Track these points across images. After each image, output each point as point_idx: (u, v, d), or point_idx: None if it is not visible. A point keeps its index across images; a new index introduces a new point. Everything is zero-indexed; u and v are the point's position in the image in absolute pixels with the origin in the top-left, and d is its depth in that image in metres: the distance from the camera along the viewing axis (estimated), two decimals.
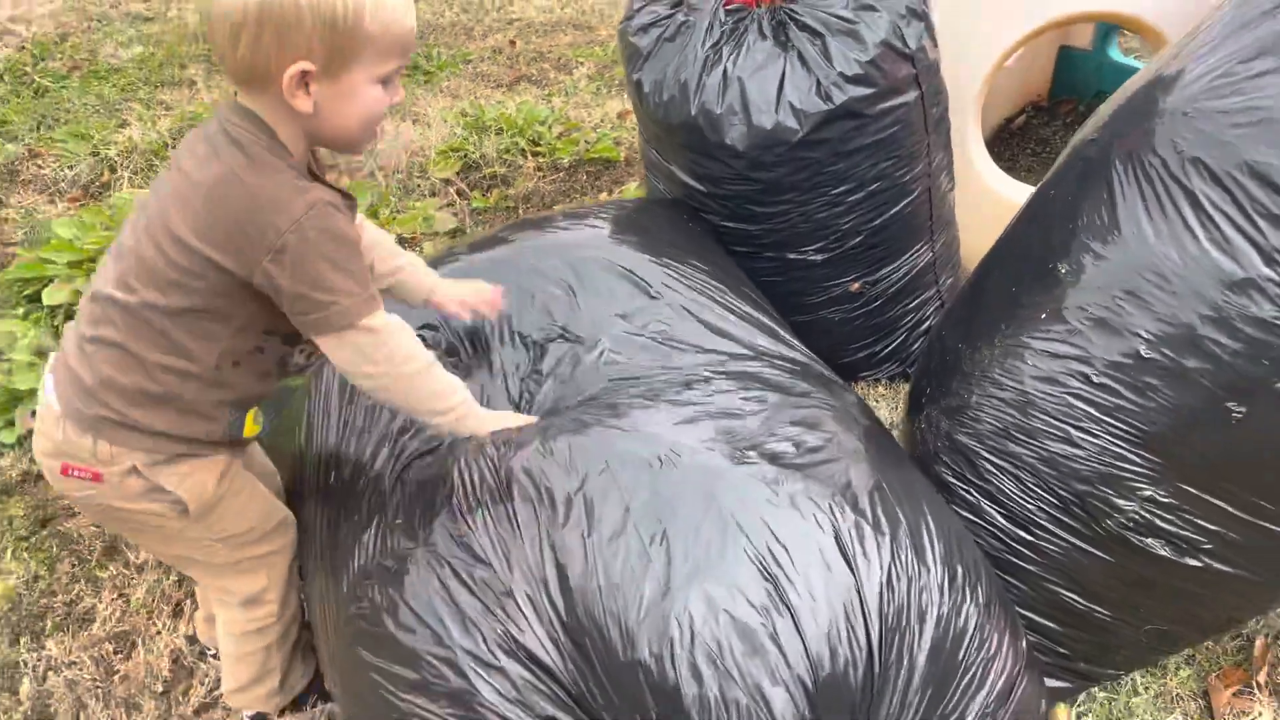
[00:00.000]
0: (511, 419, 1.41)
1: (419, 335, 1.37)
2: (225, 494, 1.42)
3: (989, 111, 3.43)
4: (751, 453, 1.27)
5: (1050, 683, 1.68)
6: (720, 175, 2.04)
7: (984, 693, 1.20)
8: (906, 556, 1.20)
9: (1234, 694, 1.72)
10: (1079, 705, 1.70)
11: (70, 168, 3.36)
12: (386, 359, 1.28)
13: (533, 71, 4.06)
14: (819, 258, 2.13)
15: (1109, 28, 3.42)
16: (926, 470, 1.74)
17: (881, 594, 1.15)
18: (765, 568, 1.13)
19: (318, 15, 1.13)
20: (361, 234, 1.42)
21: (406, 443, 1.43)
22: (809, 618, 1.11)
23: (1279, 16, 1.46)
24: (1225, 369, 1.41)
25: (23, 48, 4.32)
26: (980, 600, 1.24)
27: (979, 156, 2.58)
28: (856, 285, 2.19)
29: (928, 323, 2.33)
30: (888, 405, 2.30)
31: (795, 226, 2.08)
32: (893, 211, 2.11)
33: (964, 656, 1.20)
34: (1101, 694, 1.71)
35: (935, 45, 2.08)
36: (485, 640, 1.17)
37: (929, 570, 1.21)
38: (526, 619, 1.16)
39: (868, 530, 1.19)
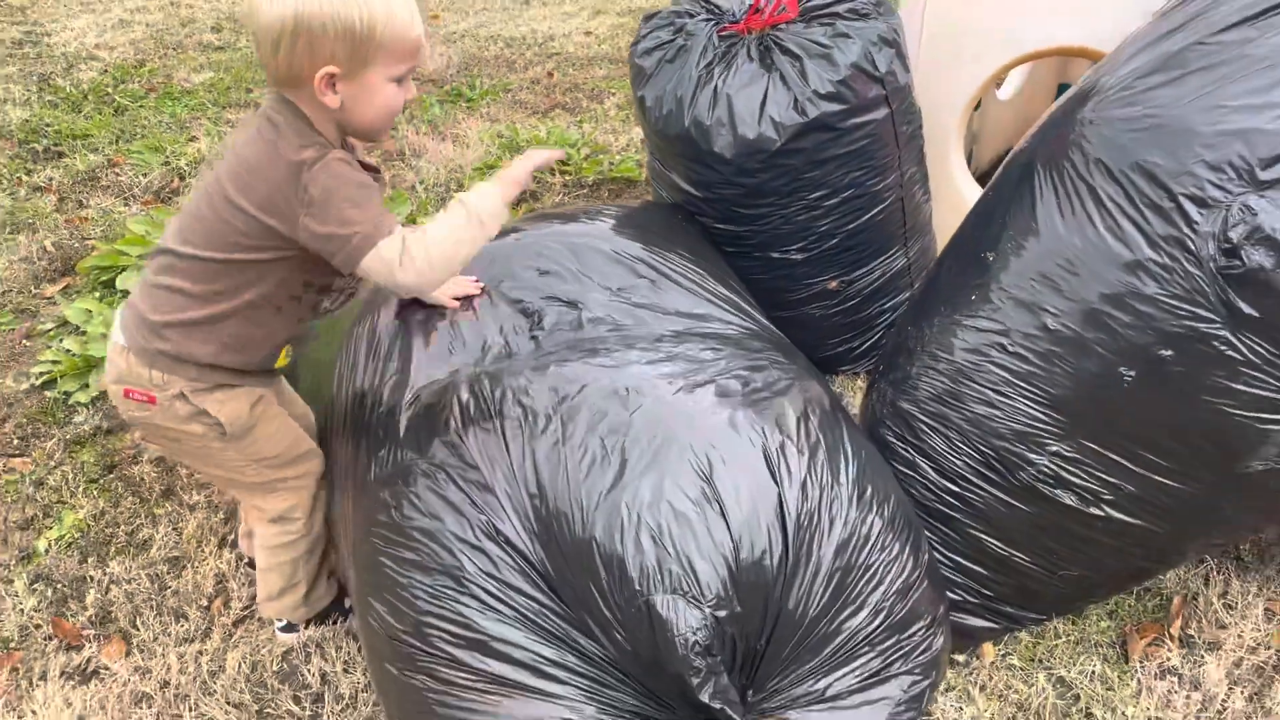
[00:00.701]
0: (515, 167, 1.60)
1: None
2: (258, 420, 1.70)
3: (992, 141, 3.68)
4: (703, 387, 1.53)
5: (978, 623, 1.90)
6: (711, 180, 2.31)
7: (883, 588, 1.44)
8: (821, 473, 1.45)
9: (1148, 644, 1.92)
10: (1004, 646, 1.91)
11: (144, 175, 3.72)
12: (417, 262, 1.46)
13: (567, 100, 4.38)
14: (799, 257, 2.39)
15: None
16: (874, 433, 1.98)
17: (797, 499, 1.40)
18: (702, 471, 1.38)
19: (339, 27, 1.40)
20: None
21: (416, 379, 1.70)
22: (735, 510, 1.35)
23: (1171, 40, 1.71)
24: (1117, 339, 1.65)
25: (105, 71, 4.73)
26: (885, 515, 1.48)
27: (960, 175, 2.83)
28: (834, 283, 2.44)
29: None
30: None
31: (777, 228, 2.34)
32: (866, 217, 2.36)
33: (866, 557, 1.44)
34: (1026, 637, 1.93)
35: (907, 70, 2.34)
36: (471, 527, 1.43)
37: (840, 486, 1.45)
38: (505, 511, 1.42)
39: (791, 449, 1.44)
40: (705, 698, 1.27)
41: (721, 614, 1.31)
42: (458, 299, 1.87)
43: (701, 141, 2.25)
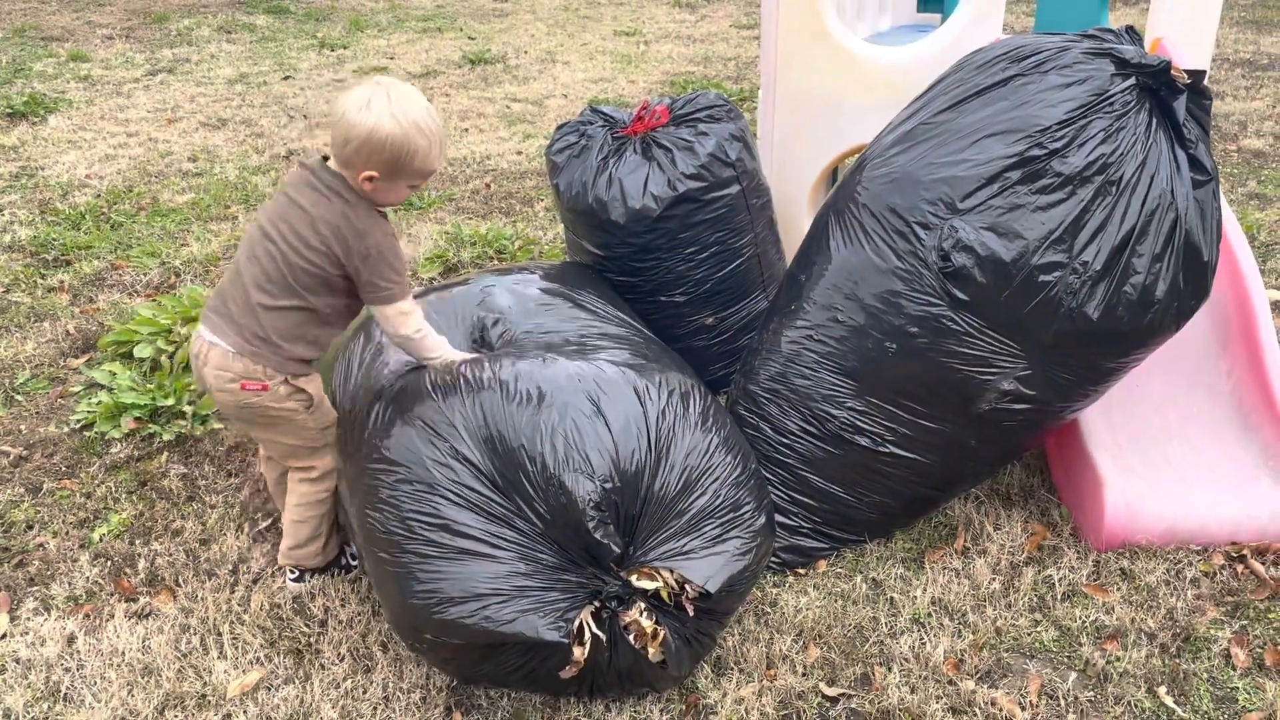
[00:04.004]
0: (470, 356, 2.37)
1: None
2: (322, 396, 2.40)
3: None
4: (598, 358, 2.24)
5: (812, 544, 2.59)
6: (610, 242, 3.06)
7: (719, 482, 2.13)
8: (676, 405, 2.16)
9: (939, 556, 2.61)
10: (833, 561, 2.60)
11: (144, 275, 4.39)
12: (408, 326, 2.24)
13: (503, 205, 5.18)
14: (682, 299, 3.13)
15: None
16: (732, 410, 2.70)
17: (658, 418, 2.11)
18: (594, 399, 2.08)
19: (391, 151, 2.11)
20: None
21: (398, 370, 2.39)
22: (614, 422, 2.06)
23: (907, 123, 2.51)
24: (881, 322, 2.40)
25: (99, 196, 5.43)
26: (722, 436, 2.19)
27: None
28: (711, 320, 3.19)
29: None
30: None
31: (663, 277, 3.09)
32: (730, 267, 3.13)
33: (707, 461, 2.14)
34: (850, 554, 2.62)
35: (754, 158, 3.15)
36: (439, 450, 2.10)
37: (689, 415, 2.17)
38: (464, 438, 2.10)
39: (653, 389, 2.16)
40: (598, 536, 1.95)
41: (607, 485, 1.99)
42: None
43: (601, 213, 3.01)
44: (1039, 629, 2.38)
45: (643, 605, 2.04)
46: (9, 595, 2.58)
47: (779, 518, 2.54)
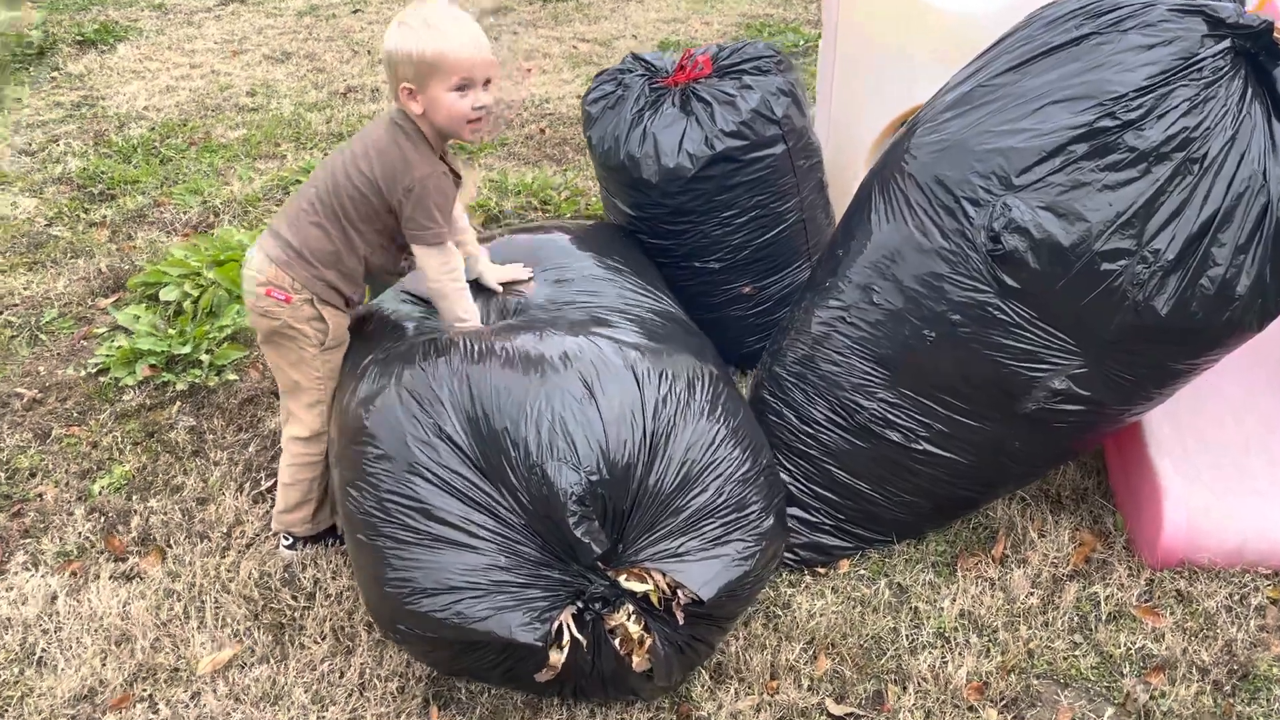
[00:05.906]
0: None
1: None
2: (341, 344, 2.30)
3: None
4: (597, 336, 2.05)
5: (834, 542, 2.39)
6: (643, 202, 2.85)
7: (723, 478, 1.94)
8: (679, 392, 1.96)
9: (973, 562, 2.39)
10: (857, 562, 2.39)
11: (184, 213, 4.31)
12: (447, 271, 2.17)
13: (555, 153, 4.98)
14: (717, 266, 2.91)
15: None
16: (756, 393, 2.50)
17: (657, 406, 1.92)
18: (587, 381, 1.90)
19: (405, 56, 2.05)
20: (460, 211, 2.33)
21: (386, 340, 2.24)
22: (607, 408, 1.87)
23: (965, 84, 2.24)
24: (921, 307, 2.17)
25: (153, 129, 5.37)
26: (730, 426, 1.99)
27: None
28: (748, 288, 2.97)
29: None
30: None
31: (697, 241, 2.87)
32: (773, 233, 2.90)
33: (711, 454, 1.94)
34: (875, 555, 2.41)
35: (803, 115, 2.89)
36: (423, 428, 1.94)
37: (694, 401, 1.97)
38: (449, 415, 1.94)
39: (655, 374, 1.96)
40: (578, 534, 1.78)
41: (594, 478, 1.82)
42: (504, 284, 2.42)
43: (634, 170, 2.79)
44: (1077, 653, 2.15)
45: (631, 609, 1.88)
46: (2, 546, 2.52)
47: (799, 512, 2.34)
